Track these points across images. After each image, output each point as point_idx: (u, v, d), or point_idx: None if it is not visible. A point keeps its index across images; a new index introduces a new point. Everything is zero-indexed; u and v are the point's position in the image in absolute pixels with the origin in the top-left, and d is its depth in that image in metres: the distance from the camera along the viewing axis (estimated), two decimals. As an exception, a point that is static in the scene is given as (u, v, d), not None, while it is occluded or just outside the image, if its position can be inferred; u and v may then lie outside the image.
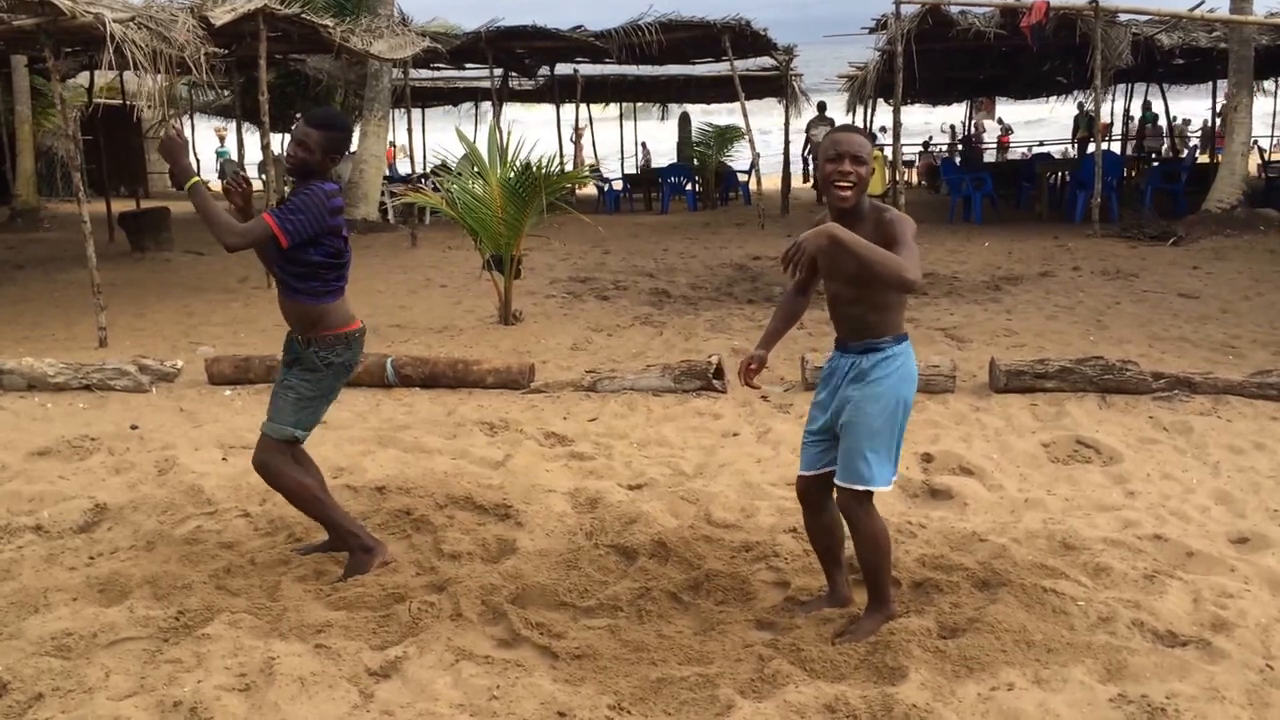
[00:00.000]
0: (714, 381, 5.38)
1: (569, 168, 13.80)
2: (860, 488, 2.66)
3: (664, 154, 22.78)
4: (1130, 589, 3.00)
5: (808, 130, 16.45)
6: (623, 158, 20.73)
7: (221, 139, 21.95)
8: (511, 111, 19.09)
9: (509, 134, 7.66)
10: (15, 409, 5.24)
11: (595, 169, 16.45)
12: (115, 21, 6.85)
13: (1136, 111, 20.90)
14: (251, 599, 3.00)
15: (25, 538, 3.53)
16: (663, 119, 23.31)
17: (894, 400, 2.64)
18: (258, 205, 3.54)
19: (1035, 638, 2.66)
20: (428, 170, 12.83)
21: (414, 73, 14.90)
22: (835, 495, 2.73)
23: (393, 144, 22.44)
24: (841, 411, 2.69)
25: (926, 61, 11.89)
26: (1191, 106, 22.42)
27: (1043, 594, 2.89)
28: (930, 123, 27.26)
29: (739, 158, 18.26)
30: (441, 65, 15.80)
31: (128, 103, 16.20)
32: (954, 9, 11.63)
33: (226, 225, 2.94)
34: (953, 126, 24.28)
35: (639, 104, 23.07)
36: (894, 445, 2.70)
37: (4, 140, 14.79)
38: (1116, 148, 20.15)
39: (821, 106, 17.41)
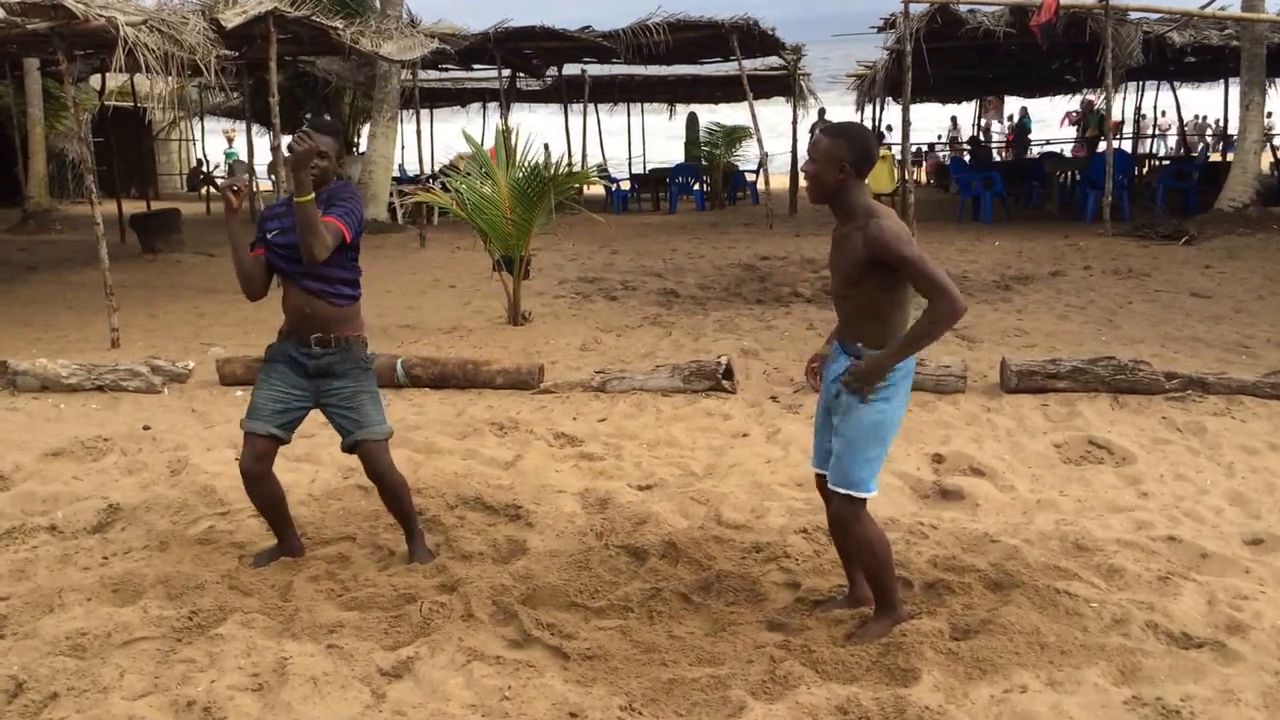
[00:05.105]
0: (723, 382, 5.37)
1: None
2: (851, 493, 2.66)
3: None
4: (1144, 591, 2.99)
5: (811, 131, 16.52)
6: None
7: (230, 140, 22.07)
8: (518, 113, 19.06)
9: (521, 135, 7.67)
10: (29, 410, 5.27)
11: (603, 169, 16.44)
12: (127, 24, 6.89)
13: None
14: (264, 599, 3.01)
15: (40, 538, 3.55)
16: (670, 118, 23.32)
17: (889, 408, 2.64)
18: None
19: (1048, 640, 2.64)
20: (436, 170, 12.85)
21: (422, 74, 14.93)
22: (829, 498, 2.73)
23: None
24: (835, 409, 2.69)
25: (935, 60, 11.85)
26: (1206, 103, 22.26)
27: (1056, 595, 2.88)
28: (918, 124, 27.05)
29: (747, 157, 18.25)
30: (449, 66, 15.83)
31: (138, 105, 16.34)
32: (963, 8, 11.59)
33: (323, 240, 2.95)
34: (954, 118, 24.14)
35: (646, 104, 23.08)
36: (885, 452, 2.70)
37: (16, 143, 14.87)
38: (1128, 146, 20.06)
39: (821, 112, 17.53)
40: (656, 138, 23.99)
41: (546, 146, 7.40)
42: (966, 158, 19.19)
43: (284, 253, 3.10)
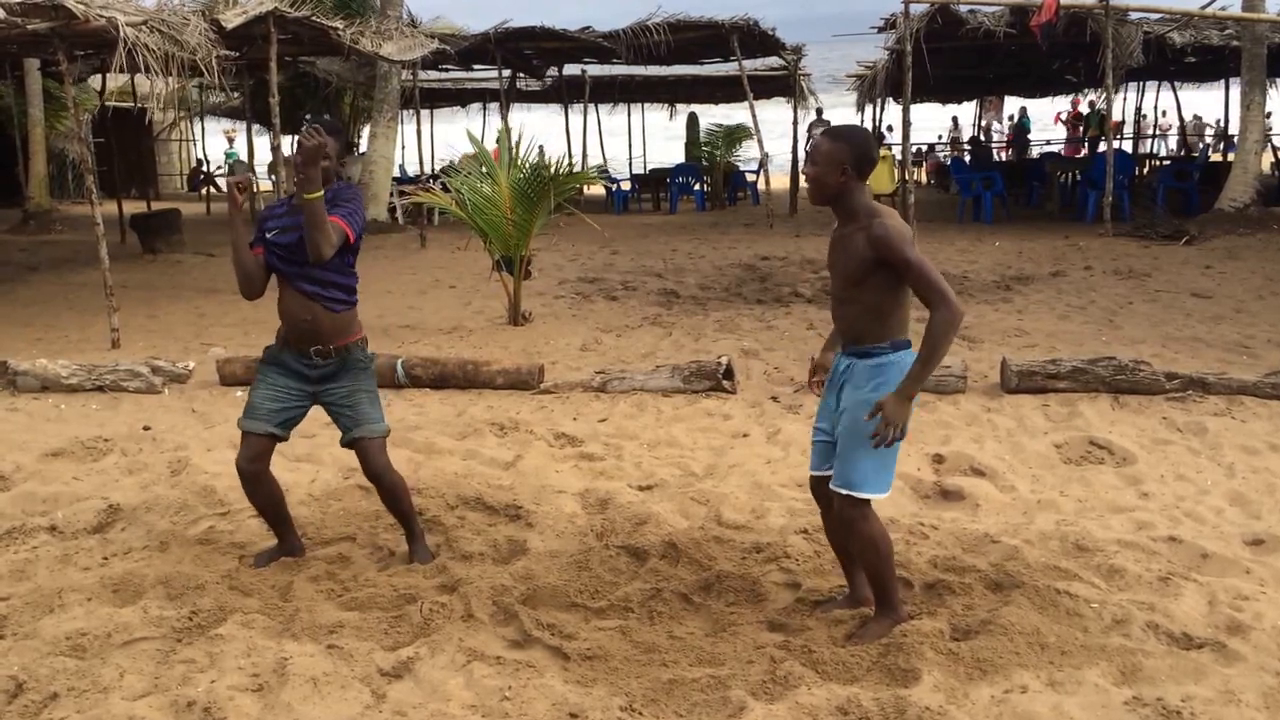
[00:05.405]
0: (723, 382, 5.37)
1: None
2: (852, 493, 2.66)
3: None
4: (1145, 591, 2.98)
5: (809, 131, 16.56)
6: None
7: (230, 141, 22.08)
8: (518, 113, 19.03)
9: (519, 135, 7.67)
10: (29, 410, 5.27)
11: (603, 169, 16.44)
12: (128, 25, 6.89)
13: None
14: (264, 599, 3.01)
15: (40, 538, 3.55)
16: (670, 118, 23.32)
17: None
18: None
19: (1049, 640, 2.64)
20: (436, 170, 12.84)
21: (422, 74, 14.93)
22: (833, 499, 2.73)
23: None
24: (840, 415, 2.70)
25: (935, 60, 11.85)
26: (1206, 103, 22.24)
27: (1056, 596, 2.87)
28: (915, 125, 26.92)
29: (747, 157, 18.25)
30: (449, 66, 15.83)
31: (139, 105, 16.34)
32: (963, 8, 11.59)
33: (329, 238, 2.95)
34: (955, 118, 24.13)
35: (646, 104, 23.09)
36: (891, 453, 2.68)
37: (17, 143, 14.88)
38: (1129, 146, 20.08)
39: (819, 111, 17.55)
40: (656, 138, 24.01)
41: (541, 148, 7.39)
42: (967, 158, 19.22)
43: (282, 253, 3.11)
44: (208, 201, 18.51)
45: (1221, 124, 21.20)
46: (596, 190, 18.51)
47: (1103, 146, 12.74)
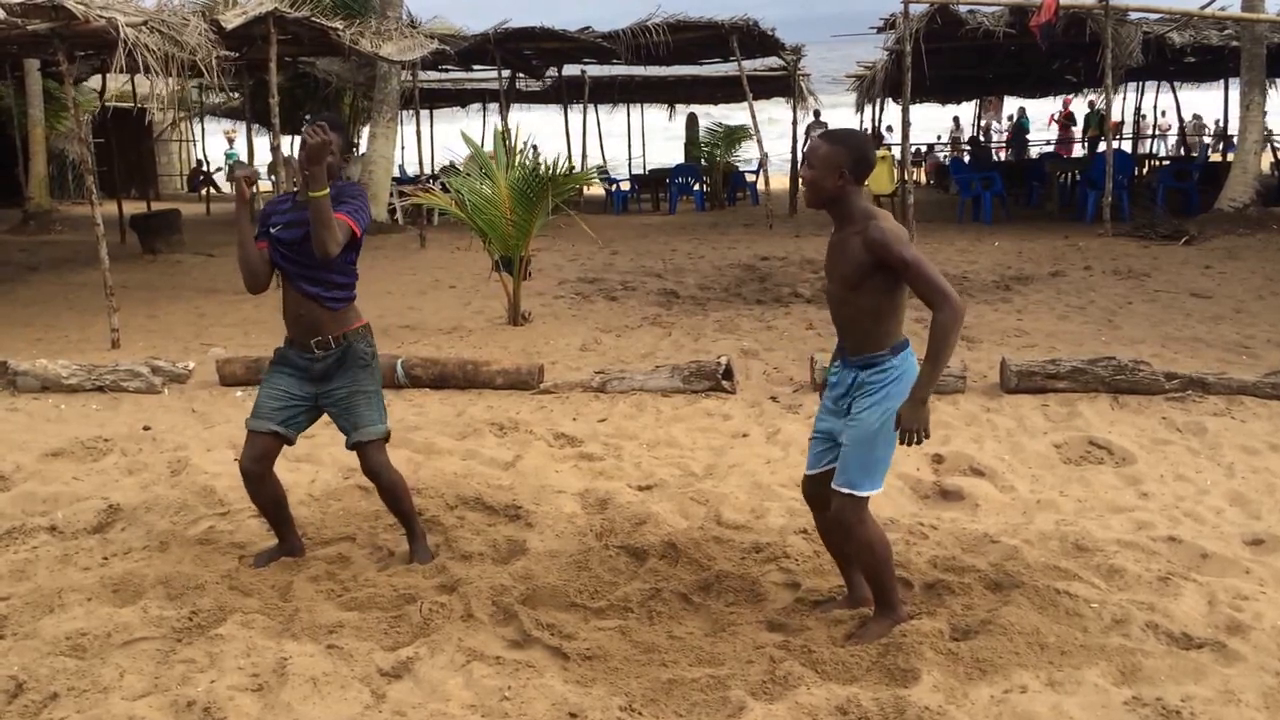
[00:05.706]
0: (723, 382, 5.38)
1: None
2: (855, 493, 2.67)
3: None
4: (1144, 591, 2.99)
5: (807, 133, 16.58)
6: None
7: (230, 141, 22.09)
8: (517, 113, 19.03)
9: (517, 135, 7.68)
10: (29, 410, 5.27)
11: (603, 169, 16.44)
12: (128, 25, 6.89)
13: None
14: (264, 599, 3.02)
15: (40, 538, 3.55)
16: (670, 119, 23.33)
17: (892, 410, 2.64)
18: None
19: (1048, 640, 2.64)
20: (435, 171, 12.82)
21: (422, 74, 14.93)
22: (831, 499, 2.74)
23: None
24: (844, 424, 2.71)
25: (935, 60, 11.86)
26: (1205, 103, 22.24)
27: (1056, 596, 2.88)
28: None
29: (747, 158, 18.26)
30: (449, 67, 15.83)
31: (139, 105, 16.33)
32: (963, 8, 11.59)
33: (335, 235, 2.95)
34: (956, 118, 24.14)
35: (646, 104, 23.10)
36: (890, 453, 2.70)
37: (17, 143, 14.88)
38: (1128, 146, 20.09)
39: (817, 113, 17.58)
40: (656, 138, 24.02)
41: (535, 148, 7.39)
42: (966, 158, 19.22)
43: (286, 250, 3.11)
44: (208, 202, 18.51)
45: (1221, 124, 21.21)
46: (596, 191, 18.51)
47: (1102, 146, 12.74)
